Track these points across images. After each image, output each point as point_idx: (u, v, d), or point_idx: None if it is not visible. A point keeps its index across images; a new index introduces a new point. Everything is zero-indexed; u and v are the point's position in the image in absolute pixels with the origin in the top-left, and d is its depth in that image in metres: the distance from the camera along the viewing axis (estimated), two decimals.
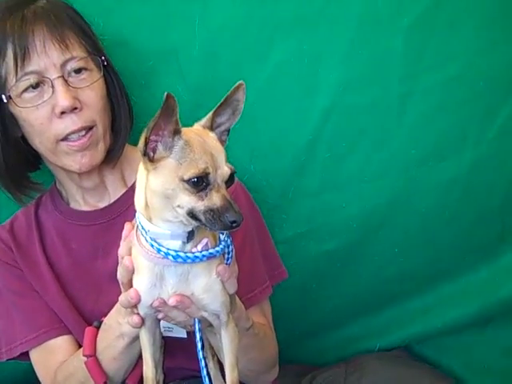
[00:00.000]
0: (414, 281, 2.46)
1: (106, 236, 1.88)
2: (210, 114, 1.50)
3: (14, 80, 1.83)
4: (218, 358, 1.81)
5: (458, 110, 2.24)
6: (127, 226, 1.61)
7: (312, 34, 2.17)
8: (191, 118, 2.06)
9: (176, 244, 1.49)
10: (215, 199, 1.41)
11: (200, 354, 1.62)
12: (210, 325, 1.62)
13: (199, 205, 1.41)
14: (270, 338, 1.98)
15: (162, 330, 1.73)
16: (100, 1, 2.13)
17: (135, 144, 1.73)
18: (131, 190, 1.89)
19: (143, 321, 1.60)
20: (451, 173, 2.28)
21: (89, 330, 1.82)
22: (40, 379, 2.00)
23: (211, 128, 1.50)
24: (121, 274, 1.60)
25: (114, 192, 2.02)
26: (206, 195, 1.41)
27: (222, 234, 1.56)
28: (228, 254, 1.59)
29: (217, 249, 1.52)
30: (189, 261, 1.48)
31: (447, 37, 2.18)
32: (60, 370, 1.92)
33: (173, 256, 1.47)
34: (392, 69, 2.20)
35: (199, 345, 1.61)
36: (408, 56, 2.18)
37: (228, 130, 1.52)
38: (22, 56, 1.81)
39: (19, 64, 1.81)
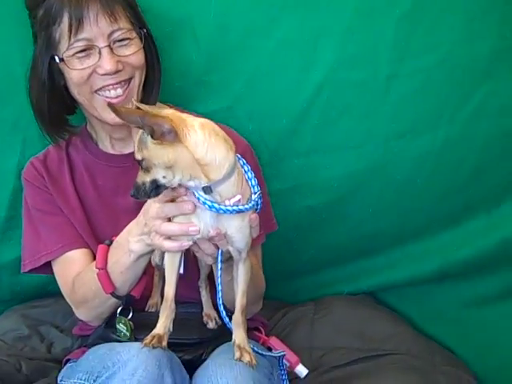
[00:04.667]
0: (384, 238, 2.59)
1: (127, 177, 1.97)
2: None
3: (67, 44, 1.99)
4: (209, 288, 2.06)
5: (437, 93, 2.34)
6: None
7: (313, 16, 2.29)
8: (203, 82, 2.28)
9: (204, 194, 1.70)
10: None
11: (218, 280, 1.81)
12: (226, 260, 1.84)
13: None
14: (260, 276, 2.17)
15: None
16: None
17: (163, 102, 2.07)
18: None
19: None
20: (425, 147, 2.39)
21: (101, 247, 1.99)
22: (60, 287, 2.16)
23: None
24: (171, 212, 1.76)
25: None
26: None
27: (255, 193, 1.76)
28: (256, 210, 1.79)
29: (246, 206, 1.72)
30: (221, 211, 1.70)
31: (432, 28, 2.28)
32: (77, 279, 2.07)
33: (208, 206, 1.69)
34: (382, 52, 2.30)
35: (219, 272, 1.81)
36: (397, 42, 2.29)
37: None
38: (77, 25, 1.97)
39: (73, 32, 1.97)
